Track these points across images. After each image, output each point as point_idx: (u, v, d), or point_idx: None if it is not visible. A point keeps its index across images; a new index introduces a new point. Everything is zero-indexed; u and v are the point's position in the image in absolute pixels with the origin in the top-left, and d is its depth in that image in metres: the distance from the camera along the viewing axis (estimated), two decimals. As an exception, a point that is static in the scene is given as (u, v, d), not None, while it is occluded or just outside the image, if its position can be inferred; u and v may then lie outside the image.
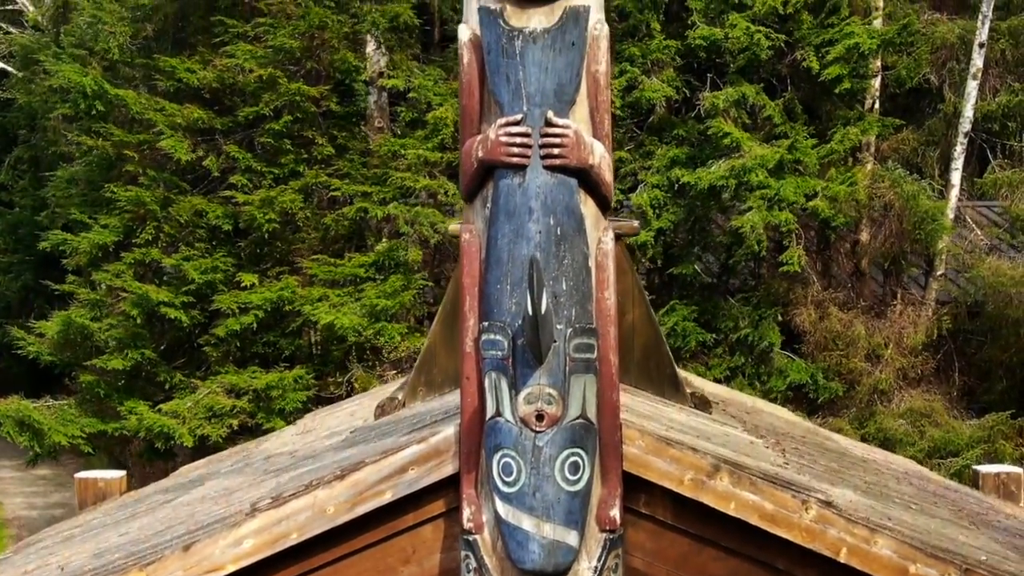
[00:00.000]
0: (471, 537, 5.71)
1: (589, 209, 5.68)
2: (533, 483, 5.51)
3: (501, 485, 5.56)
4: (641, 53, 16.90)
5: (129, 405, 17.03)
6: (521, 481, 5.52)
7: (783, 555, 5.80)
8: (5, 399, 17.99)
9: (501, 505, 5.57)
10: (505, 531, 5.58)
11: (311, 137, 17.39)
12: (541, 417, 5.52)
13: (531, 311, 5.28)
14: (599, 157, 5.63)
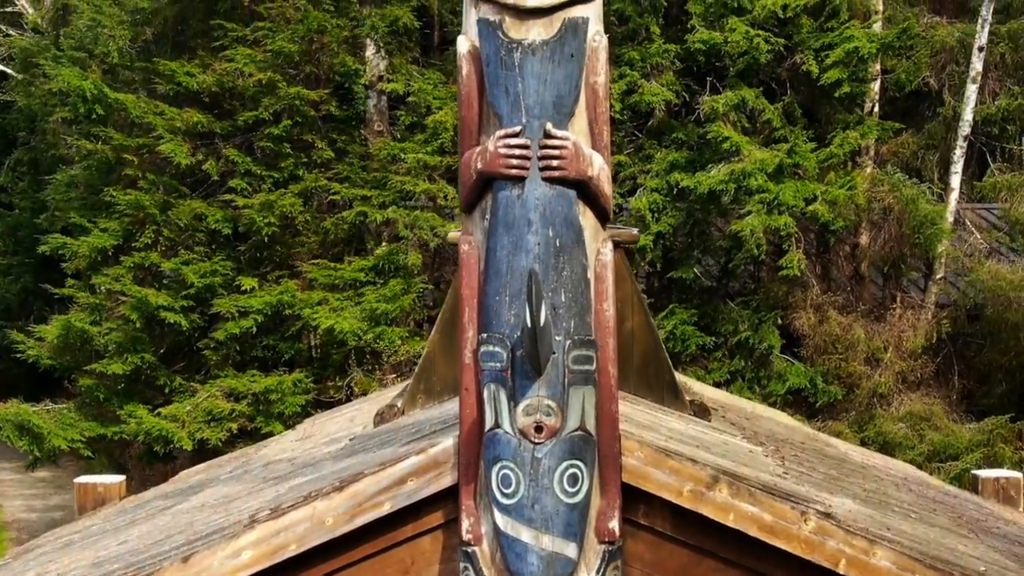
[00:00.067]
0: (470, 549, 5.71)
1: (588, 221, 5.67)
2: (532, 495, 5.52)
3: (500, 497, 5.56)
4: (641, 57, 16.90)
5: (128, 409, 17.04)
6: (520, 493, 5.52)
7: (782, 566, 5.80)
8: (5, 403, 18.00)
9: (500, 517, 5.57)
10: (504, 543, 5.58)
11: (310, 141, 17.41)
12: (540, 429, 5.52)
13: (530, 323, 5.28)
14: (598, 169, 5.62)
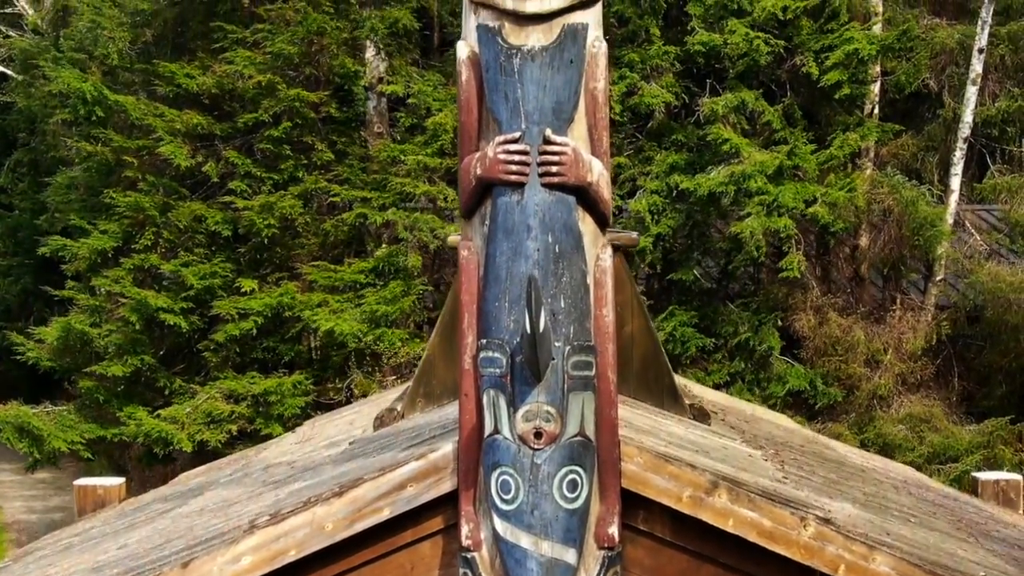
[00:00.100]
0: (469, 554, 5.71)
1: (587, 226, 5.66)
2: (531, 501, 5.52)
3: (499, 503, 5.56)
4: (640, 59, 16.89)
5: (128, 411, 17.04)
6: (519, 499, 5.52)
7: (782, 572, 5.79)
8: (4, 405, 17.99)
9: (499, 523, 5.57)
10: (503, 549, 5.58)
11: (310, 143, 17.41)
12: (539, 435, 5.52)
13: (529, 329, 5.27)
14: (597, 175, 5.61)
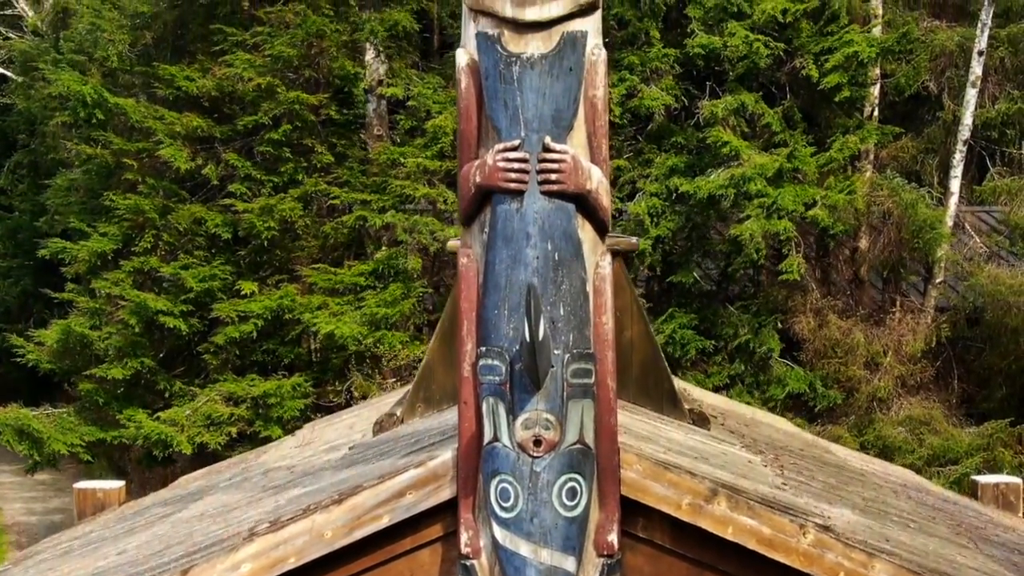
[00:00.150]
0: (469, 562, 5.70)
1: (587, 234, 5.66)
2: (531, 508, 5.51)
3: (499, 510, 5.55)
4: (640, 61, 16.87)
5: (128, 413, 17.05)
6: (519, 506, 5.52)
7: (781, 579, 5.80)
8: (4, 407, 18.00)
9: (499, 530, 5.57)
10: (503, 556, 5.57)
11: (310, 145, 17.42)
12: (539, 442, 5.51)
13: (529, 337, 5.27)
14: (597, 182, 5.61)
